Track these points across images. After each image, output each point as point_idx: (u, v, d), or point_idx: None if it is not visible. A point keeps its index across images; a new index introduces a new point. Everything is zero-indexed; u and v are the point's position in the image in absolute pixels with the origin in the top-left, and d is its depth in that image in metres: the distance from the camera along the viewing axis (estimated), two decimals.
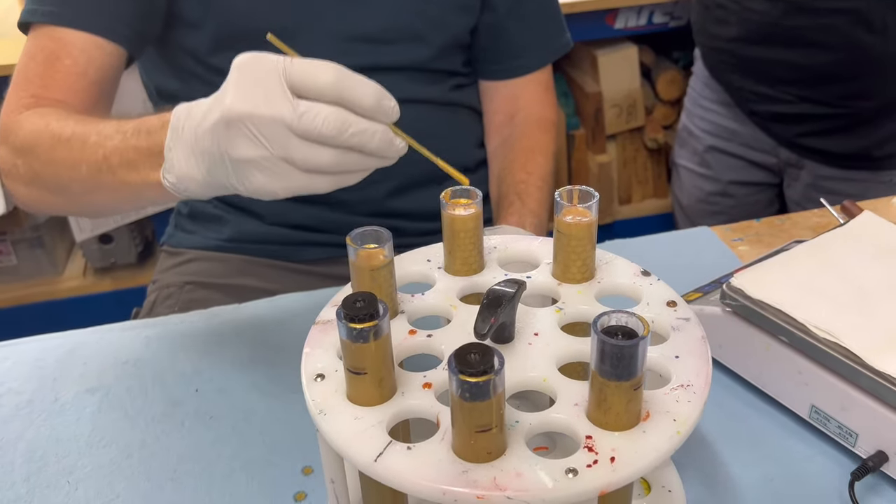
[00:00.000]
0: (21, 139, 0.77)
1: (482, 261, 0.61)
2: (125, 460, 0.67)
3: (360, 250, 0.54)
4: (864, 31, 1.23)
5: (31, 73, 0.82)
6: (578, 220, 0.57)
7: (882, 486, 0.62)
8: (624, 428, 0.46)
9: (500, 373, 0.42)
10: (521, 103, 1.04)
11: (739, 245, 0.91)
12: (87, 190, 0.72)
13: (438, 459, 0.45)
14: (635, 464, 0.44)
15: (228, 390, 0.74)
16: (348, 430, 0.47)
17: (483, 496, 0.43)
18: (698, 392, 0.48)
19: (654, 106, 2.14)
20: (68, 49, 0.82)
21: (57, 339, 0.82)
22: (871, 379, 0.60)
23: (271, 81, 0.54)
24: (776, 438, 0.66)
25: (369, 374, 0.48)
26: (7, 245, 1.94)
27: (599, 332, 0.43)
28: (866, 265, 0.70)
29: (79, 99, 0.82)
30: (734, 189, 1.51)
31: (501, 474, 0.44)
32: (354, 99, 0.55)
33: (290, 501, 0.63)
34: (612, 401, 0.45)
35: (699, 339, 0.52)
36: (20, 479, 0.66)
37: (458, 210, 0.58)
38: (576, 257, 0.58)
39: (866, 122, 1.32)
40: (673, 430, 0.46)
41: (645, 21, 1.97)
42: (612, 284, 0.58)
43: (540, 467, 0.44)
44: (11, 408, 0.74)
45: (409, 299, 0.58)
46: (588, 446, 0.45)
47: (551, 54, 1.06)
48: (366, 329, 0.46)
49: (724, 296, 0.69)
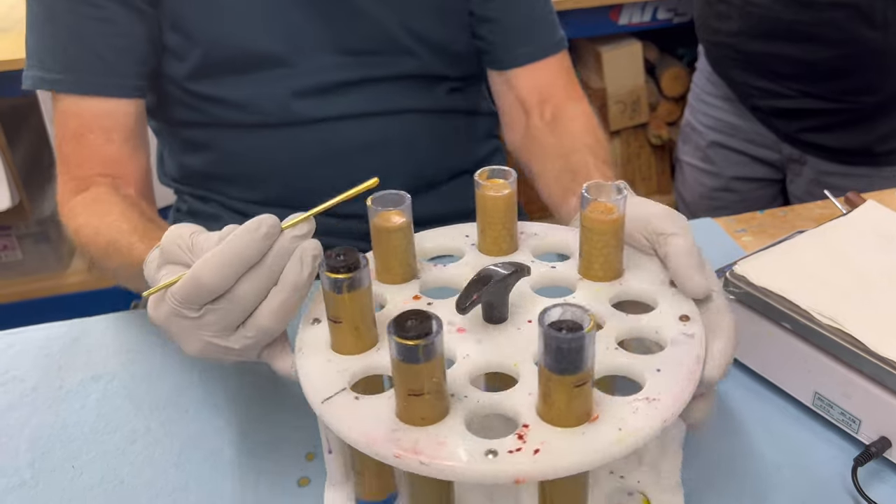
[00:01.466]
0: (73, 221, 0.82)
1: (513, 243, 0.61)
2: (129, 446, 0.68)
3: (380, 212, 0.56)
4: (865, 26, 1.23)
5: (66, 154, 0.87)
6: (603, 216, 0.55)
7: (885, 471, 0.62)
8: (564, 424, 0.45)
9: (433, 340, 0.43)
10: (544, 93, 0.98)
11: (743, 236, 0.91)
12: (116, 272, 0.75)
13: (378, 415, 0.47)
14: (559, 461, 0.44)
15: (232, 377, 0.74)
16: (315, 371, 0.51)
17: (400, 455, 0.44)
18: (661, 409, 0.46)
19: (658, 102, 2.15)
20: (89, 123, 0.85)
21: (62, 327, 0.82)
22: (874, 365, 0.60)
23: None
24: (779, 426, 0.66)
25: (344, 323, 0.51)
26: (12, 240, 1.95)
27: (544, 325, 0.43)
28: (869, 253, 0.70)
29: (115, 164, 0.86)
30: (737, 185, 1.50)
31: (425, 440, 0.45)
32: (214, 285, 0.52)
33: (293, 486, 0.63)
34: (554, 396, 0.44)
35: (692, 358, 0.50)
36: (25, 464, 0.67)
37: (490, 191, 0.58)
38: (598, 254, 0.56)
39: (868, 118, 1.32)
40: (613, 439, 0.44)
41: (649, 17, 1.97)
42: (632, 289, 0.56)
43: (465, 442, 0.45)
44: (17, 395, 0.74)
45: (430, 268, 0.59)
46: (519, 434, 0.45)
47: (548, 48, 1.03)
48: (340, 279, 0.49)
49: (727, 283, 0.69)
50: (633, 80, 2.06)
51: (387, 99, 0.94)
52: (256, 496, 0.62)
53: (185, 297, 0.52)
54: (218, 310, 0.52)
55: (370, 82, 0.93)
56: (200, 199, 1.02)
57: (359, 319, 0.51)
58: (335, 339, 0.53)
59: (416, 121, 0.97)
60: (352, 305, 0.50)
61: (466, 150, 1.04)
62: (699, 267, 0.55)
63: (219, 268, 0.50)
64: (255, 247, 0.51)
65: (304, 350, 0.53)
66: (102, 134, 0.86)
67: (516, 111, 1.00)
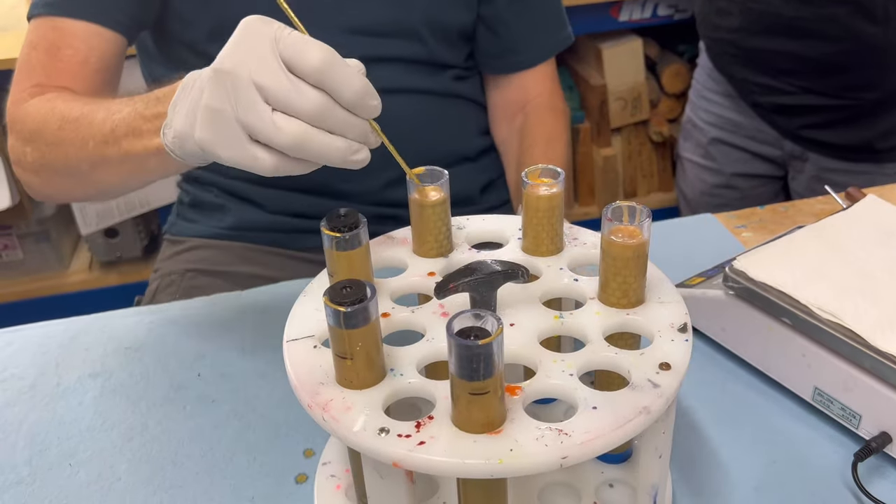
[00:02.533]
0: (28, 126, 0.77)
1: (555, 245, 0.59)
2: (127, 443, 0.67)
3: (419, 187, 0.58)
4: (866, 21, 1.22)
5: (33, 62, 0.83)
6: (625, 240, 0.51)
7: (885, 467, 0.61)
8: (464, 428, 0.44)
9: (356, 310, 0.45)
10: (530, 93, 1.05)
11: (743, 232, 0.91)
12: (93, 166, 0.72)
13: (321, 367, 0.50)
14: (432, 459, 0.43)
15: (230, 375, 0.74)
16: (297, 315, 0.54)
17: (311, 406, 0.47)
18: (566, 447, 0.43)
19: (660, 99, 2.14)
20: (68, 39, 0.83)
21: (60, 325, 0.82)
22: (874, 359, 0.60)
23: (265, 49, 0.54)
24: (779, 421, 0.66)
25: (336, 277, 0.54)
26: (13, 239, 1.95)
27: (451, 326, 0.42)
28: (870, 247, 0.69)
29: (83, 86, 0.83)
30: (738, 181, 1.50)
31: (339, 401, 0.47)
32: (337, 89, 0.53)
33: (291, 483, 0.63)
34: (457, 398, 0.44)
35: (637, 408, 0.45)
36: (22, 461, 0.66)
37: (534, 190, 0.58)
38: (612, 278, 0.53)
39: (869, 114, 1.32)
40: (494, 456, 0.43)
41: (649, 13, 1.97)
42: (636, 324, 0.53)
43: (368, 414, 0.46)
44: (14, 392, 0.74)
45: (465, 251, 0.61)
46: (419, 423, 0.45)
47: (552, 48, 1.06)
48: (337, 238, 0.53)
49: (726, 278, 0.69)
50: (634, 77, 2.06)
51: (395, 78, 0.95)
52: (254, 493, 0.62)
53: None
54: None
55: (379, 61, 0.93)
56: (202, 188, 1.02)
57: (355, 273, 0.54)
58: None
59: (423, 101, 0.98)
60: (349, 264, 0.53)
61: (469, 137, 1.05)
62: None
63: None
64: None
65: (308, 294, 0.57)
66: (80, 53, 0.83)
67: (500, 111, 1.05)
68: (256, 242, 1.00)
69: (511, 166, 1.05)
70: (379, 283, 0.57)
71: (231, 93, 0.54)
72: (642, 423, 0.45)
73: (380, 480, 0.47)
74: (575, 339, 0.53)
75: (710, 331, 0.73)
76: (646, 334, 0.52)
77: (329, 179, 0.97)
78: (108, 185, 0.76)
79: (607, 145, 2.13)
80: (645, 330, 0.52)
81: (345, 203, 0.97)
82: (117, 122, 0.68)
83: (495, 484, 0.48)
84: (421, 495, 0.56)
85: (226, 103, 0.54)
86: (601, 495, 0.57)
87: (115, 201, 1.91)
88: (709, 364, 0.72)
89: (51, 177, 0.78)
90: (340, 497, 0.57)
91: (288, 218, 0.99)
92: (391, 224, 0.67)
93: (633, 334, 0.53)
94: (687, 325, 0.52)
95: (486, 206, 1.05)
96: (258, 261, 0.99)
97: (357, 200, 0.97)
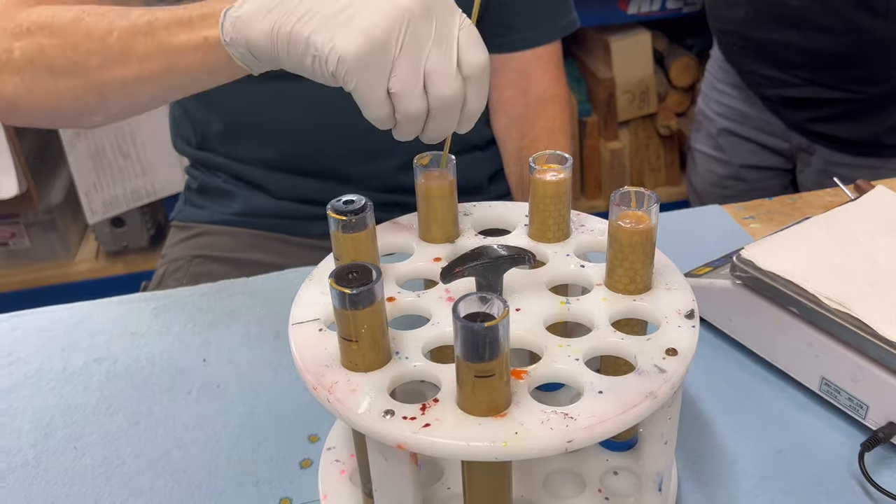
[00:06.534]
0: (28, 20, 0.68)
1: (561, 232, 0.59)
2: (132, 427, 0.68)
3: (424, 172, 0.58)
4: (867, 14, 1.21)
5: None
6: (633, 225, 0.51)
7: (892, 457, 0.61)
8: (469, 411, 0.44)
9: (361, 292, 0.45)
10: (532, 80, 1.03)
11: (751, 223, 0.90)
12: (106, 61, 0.65)
13: (327, 349, 0.49)
14: (438, 441, 0.43)
15: (236, 361, 0.74)
16: (303, 299, 0.54)
17: (315, 388, 0.47)
18: (571, 430, 0.43)
19: (667, 93, 2.13)
20: None
21: (65, 311, 0.82)
22: (882, 349, 0.59)
23: (453, 21, 0.54)
24: (786, 412, 0.66)
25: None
26: (20, 228, 1.96)
27: (455, 309, 0.42)
28: (878, 238, 0.69)
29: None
30: (747, 173, 1.50)
31: (344, 383, 0.47)
32: (470, 97, 0.55)
33: (295, 468, 0.63)
34: (462, 380, 0.44)
35: (640, 394, 0.45)
36: (27, 445, 0.67)
37: (539, 175, 0.58)
38: (619, 264, 0.53)
39: (875, 108, 1.31)
40: (498, 439, 0.42)
41: (658, 6, 1.96)
42: (643, 310, 0.52)
43: (374, 396, 0.46)
44: (20, 376, 0.74)
45: (471, 237, 0.61)
46: (424, 405, 0.45)
47: (555, 31, 1.04)
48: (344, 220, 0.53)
49: (734, 268, 0.69)
50: (642, 70, 2.05)
51: None
52: (258, 477, 0.62)
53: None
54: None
55: None
56: (210, 173, 1.02)
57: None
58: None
59: None
60: (355, 247, 0.53)
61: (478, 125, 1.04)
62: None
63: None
64: None
65: (314, 278, 0.57)
66: None
67: (499, 100, 1.03)
68: (264, 229, 1.00)
69: (510, 159, 1.02)
70: (385, 268, 0.57)
71: (431, 33, 0.53)
72: (648, 407, 0.45)
73: (384, 463, 0.47)
74: (582, 325, 0.53)
75: (717, 320, 0.73)
76: (652, 320, 0.52)
77: (337, 164, 0.96)
78: (111, 89, 0.67)
79: (614, 139, 2.12)
80: (651, 316, 0.52)
81: (352, 189, 0.96)
82: (159, 16, 0.63)
83: (500, 468, 0.47)
84: (426, 481, 0.56)
85: (420, 39, 0.53)
86: (606, 483, 0.57)
87: (121, 191, 1.92)
88: (716, 354, 0.72)
89: (39, 75, 0.68)
90: (345, 482, 0.57)
91: (295, 204, 0.99)
92: (398, 211, 0.67)
93: (639, 320, 0.53)
94: (694, 311, 0.51)
95: (494, 195, 1.05)
96: (265, 247, 0.99)
97: (365, 186, 0.97)
